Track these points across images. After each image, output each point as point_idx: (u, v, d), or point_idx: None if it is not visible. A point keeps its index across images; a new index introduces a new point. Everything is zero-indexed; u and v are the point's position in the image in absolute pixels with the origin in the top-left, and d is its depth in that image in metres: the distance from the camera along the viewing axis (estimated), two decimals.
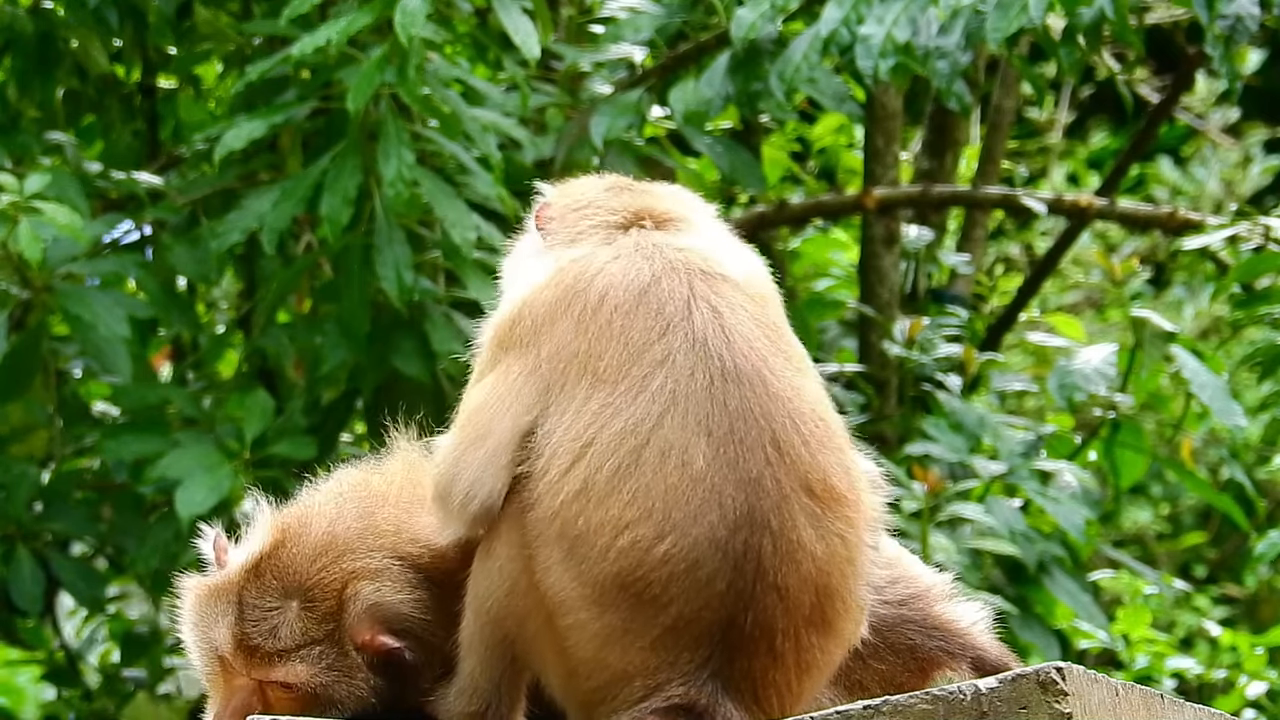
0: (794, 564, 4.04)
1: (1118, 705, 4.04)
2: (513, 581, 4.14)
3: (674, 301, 4.16)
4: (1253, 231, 9.11)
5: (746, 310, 4.19)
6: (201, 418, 8.89)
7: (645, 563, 4.01)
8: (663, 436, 4.05)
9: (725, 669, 4.04)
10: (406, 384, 8.76)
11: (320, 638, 4.33)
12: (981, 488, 9.10)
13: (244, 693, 4.36)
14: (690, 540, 4.01)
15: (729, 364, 4.10)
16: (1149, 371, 9.33)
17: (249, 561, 4.41)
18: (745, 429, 4.06)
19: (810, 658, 4.09)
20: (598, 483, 4.04)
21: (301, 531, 4.42)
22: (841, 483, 4.12)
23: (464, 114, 8.62)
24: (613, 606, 4.03)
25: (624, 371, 4.10)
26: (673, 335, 4.12)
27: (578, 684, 4.12)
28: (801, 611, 4.06)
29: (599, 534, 4.03)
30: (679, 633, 4.03)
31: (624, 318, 4.15)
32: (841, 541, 4.09)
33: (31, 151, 9.35)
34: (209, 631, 4.40)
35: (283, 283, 9.13)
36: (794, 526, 4.05)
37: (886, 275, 10.35)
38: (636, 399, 4.07)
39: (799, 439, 4.08)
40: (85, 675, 10.54)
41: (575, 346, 4.15)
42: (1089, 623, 9.26)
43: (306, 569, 4.36)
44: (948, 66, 8.45)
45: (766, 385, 4.10)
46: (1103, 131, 15.85)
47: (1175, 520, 14.18)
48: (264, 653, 4.33)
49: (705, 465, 4.03)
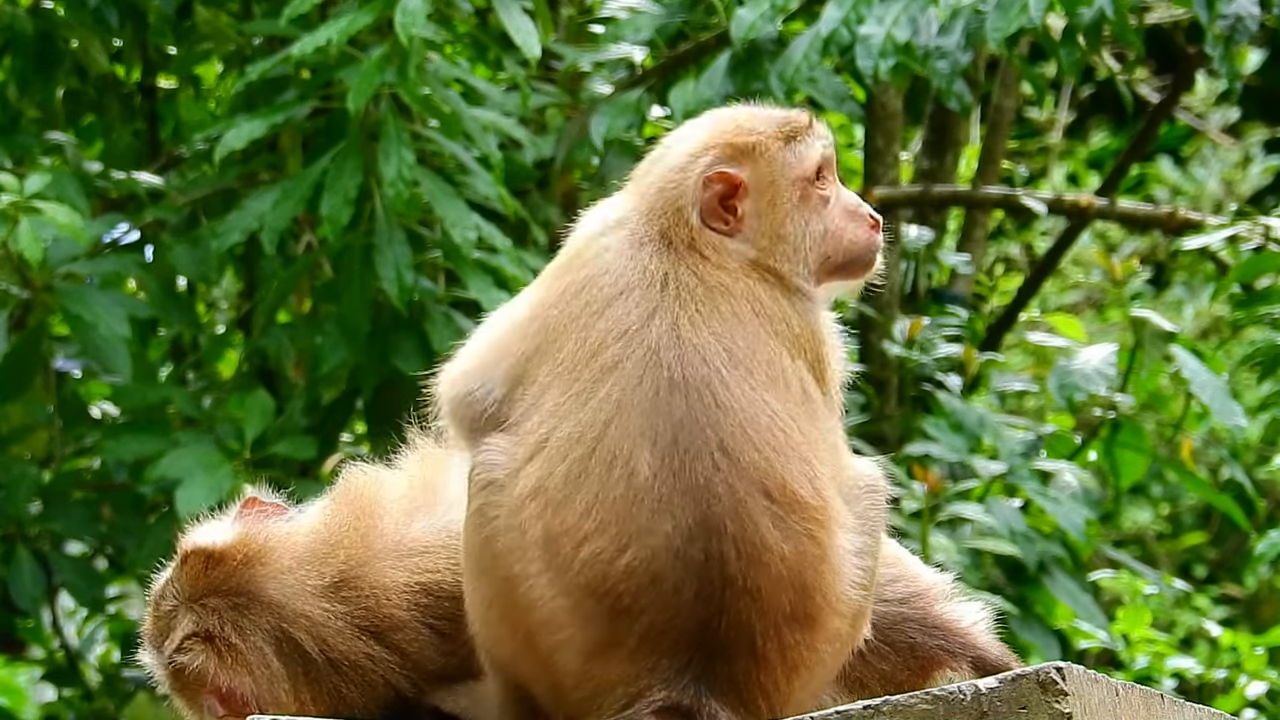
0: (761, 566, 4.02)
1: (1118, 705, 4.04)
2: (500, 598, 4.14)
3: (639, 310, 4.15)
4: (1253, 231, 9.11)
5: (714, 331, 4.14)
6: (201, 418, 8.89)
7: (610, 576, 4.01)
8: (607, 446, 4.05)
9: (707, 673, 4.03)
10: (406, 384, 8.75)
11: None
12: (981, 488, 9.10)
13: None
14: (649, 552, 4.00)
15: (676, 374, 4.08)
16: (1149, 371, 9.33)
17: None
18: (690, 438, 4.04)
19: (797, 656, 4.07)
20: (551, 488, 4.06)
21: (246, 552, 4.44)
22: (804, 489, 4.07)
23: (464, 114, 8.62)
24: (590, 618, 4.03)
25: (578, 371, 4.11)
26: (627, 342, 4.11)
27: (565, 696, 4.12)
28: (780, 611, 4.04)
29: (564, 541, 4.03)
30: (655, 640, 4.02)
31: (591, 315, 4.16)
32: (812, 540, 4.07)
33: (31, 151, 9.36)
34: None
35: (283, 283, 9.13)
36: (755, 529, 4.02)
37: (886, 275, 10.34)
38: (585, 405, 4.08)
39: (751, 446, 4.05)
40: (85, 675, 10.53)
41: (554, 314, 4.19)
42: (1089, 623, 9.26)
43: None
44: (948, 66, 8.45)
45: (715, 396, 4.07)
46: (1103, 131, 15.84)
47: (1175, 520, 14.18)
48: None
49: (651, 475, 4.03)
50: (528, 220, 9.17)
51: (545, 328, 4.19)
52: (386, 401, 8.82)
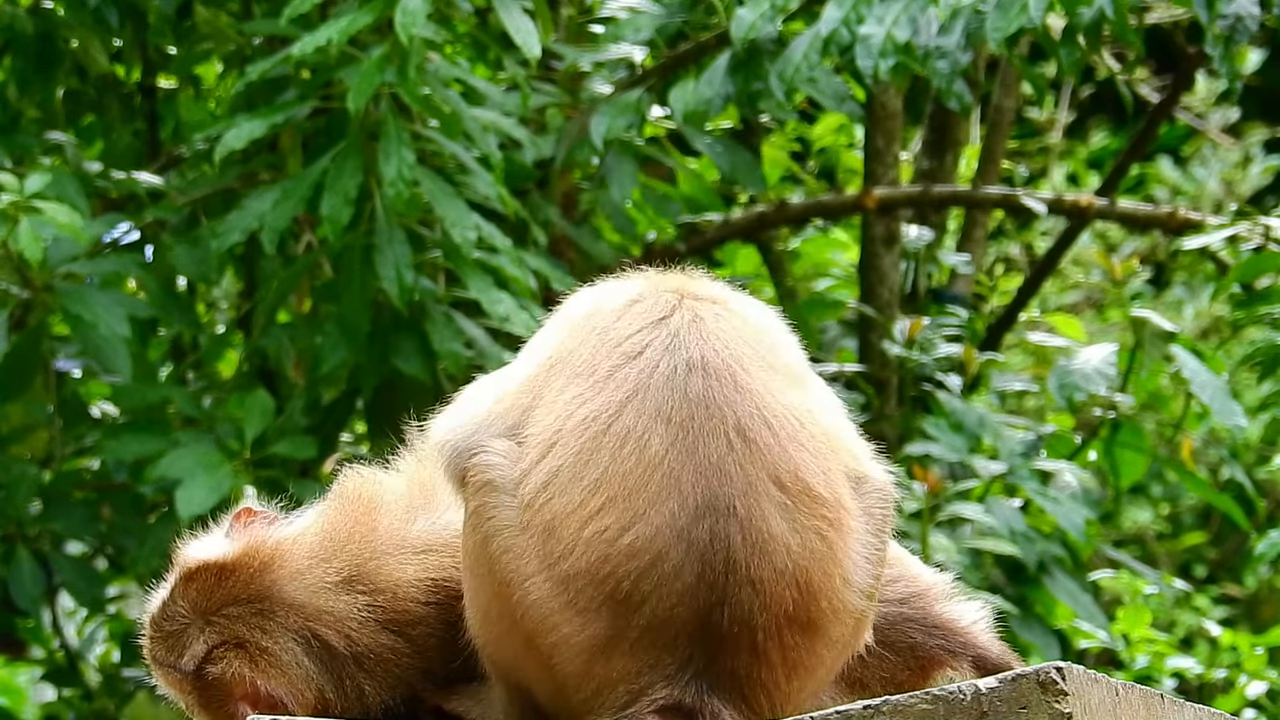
0: (766, 555, 3.99)
1: (1118, 705, 4.04)
2: (498, 601, 4.13)
3: (659, 307, 4.16)
4: (1253, 231, 9.11)
5: (735, 326, 4.16)
6: (201, 418, 8.89)
7: (613, 556, 3.97)
8: (622, 423, 4.02)
9: (708, 669, 3.99)
10: (407, 384, 8.76)
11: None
12: (981, 488, 9.10)
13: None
14: (653, 530, 3.97)
15: (696, 356, 4.07)
16: (1149, 371, 9.33)
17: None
18: (706, 415, 4.02)
19: (796, 657, 4.04)
20: (563, 471, 4.03)
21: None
22: (818, 482, 4.05)
23: (464, 114, 8.63)
24: (590, 611, 4.00)
25: (594, 365, 4.10)
26: (649, 332, 4.12)
27: (567, 697, 4.10)
28: (782, 608, 4.00)
29: (566, 525, 4.00)
30: (656, 632, 3.99)
31: (608, 319, 4.17)
32: (820, 538, 4.03)
33: (31, 151, 9.35)
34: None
35: (283, 283, 9.13)
36: (762, 516, 3.99)
37: (886, 275, 10.35)
38: (603, 389, 4.06)
39: (767, 431, 4.04)
40: (85, 675, 10.54)
41: (565, 347, 4.18)
42: (1089, 623, 9.26)
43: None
44: (948, 66, 8.45)
45: (735, 379, 4.07)
46: (1103, 131, 15.85)
47: (1175, 520, 14.18)
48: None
49: (663, 450, 4.00)
50: (528, 220, 9.17)
51: (560, 353, 4.18)
52: (386, 401, 8.83)
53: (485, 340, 8.77)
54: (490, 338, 8.80)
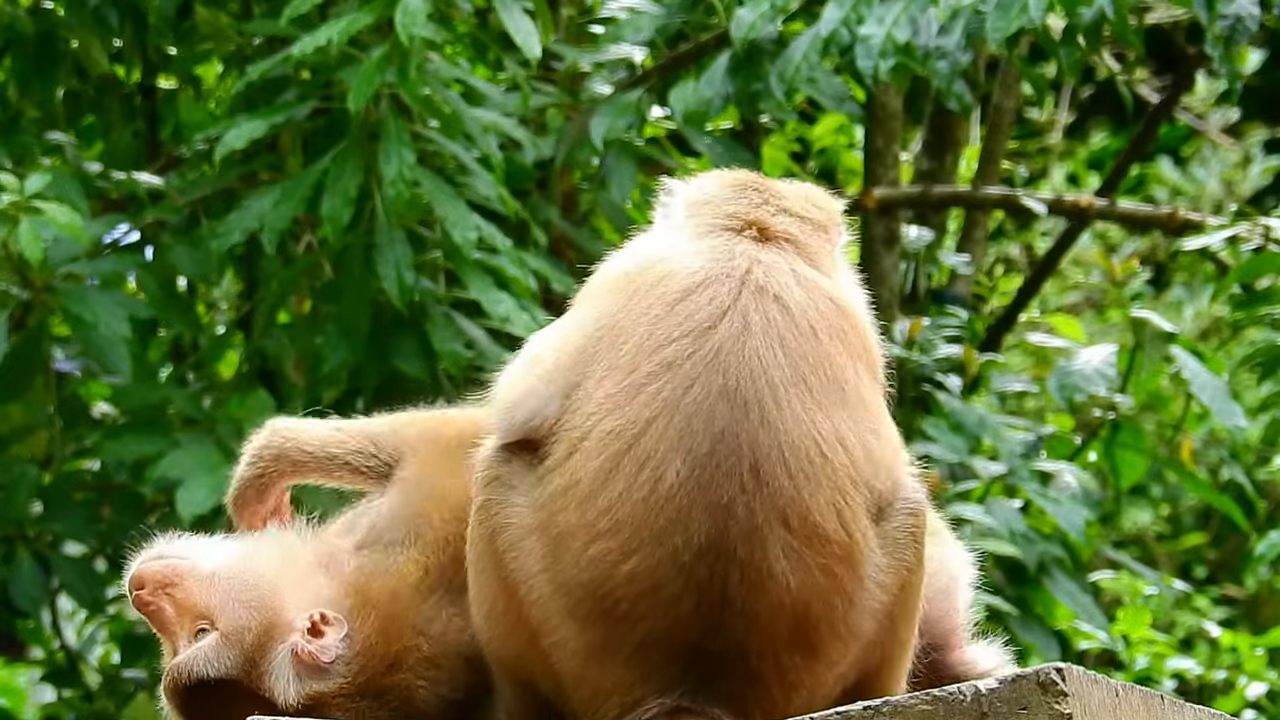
0: (762, 592, 3.96)
1: (1118, 706, 4.04)
2: (504, 596, 4.13)
3: (709, 308, 4.08)
4: (1253, 232, 9.11)
5: (785, 338, 4.07)
6: (202, 418, 8.88)
7: (612, 578, 3.98)
8: (644, 446, 3.99)
9: (703, 686, 4.00)
10: (407, 384, 8.75)
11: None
12: (981, 488, 9.10)
13: None
14: (654, 561, 3.96)
15: (730, 383, 4.01)
16: (1149, 372, 9.32)
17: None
18: (725, 452, 3.98)
19: (795, 678, 4.03)
20: (580, 486, 4.02)
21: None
22: (829, 523, 4.00)
23: (464, 114, 8.63)
24: (587, 620, 4.01)
25: (636, 363, 4.04)
26: (692, 341, 4.05)
27: (567, 695, 4.12)
28: (778, 636, 3.99)
29: (574, 537, 4.00)
30: (650, 649, 4.00)
31: (661, 308, 4.09)
32: (826, 574, 4.00)
33: (31, 151, 9.35)
34: None
35: (283, 283, 9.13)
36: (764, 557, 3.96)
37: (886, 275, 10.34)
38: (634, 399, 4.02)
39: (783, 470, 3.98)
40: (85, 676, 10.53)
41: (615, 320, 4.11)
42: (1089, 623, 9.26)
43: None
44: (948, 66, 8.45)
45: (763, 412, 4.00)
46: (1103, 132, 15.85)
47: (1175, 521, 14.18)
48: None
49: (677, 484, 3.97)
50: (528, 220, 9.17)
51: (612, 327, 4.10)
52: (387, 402, 8.81)
53: (485, 340, 8.76)
54: (490, 338, 8.80)
